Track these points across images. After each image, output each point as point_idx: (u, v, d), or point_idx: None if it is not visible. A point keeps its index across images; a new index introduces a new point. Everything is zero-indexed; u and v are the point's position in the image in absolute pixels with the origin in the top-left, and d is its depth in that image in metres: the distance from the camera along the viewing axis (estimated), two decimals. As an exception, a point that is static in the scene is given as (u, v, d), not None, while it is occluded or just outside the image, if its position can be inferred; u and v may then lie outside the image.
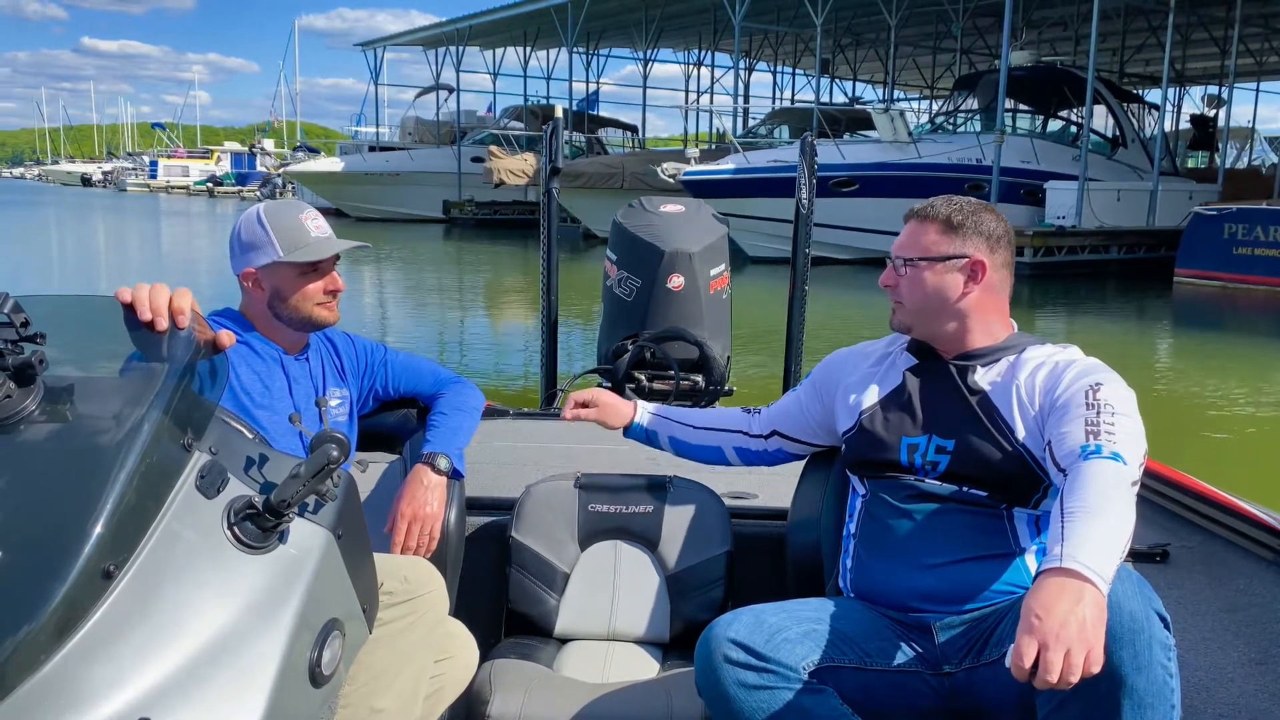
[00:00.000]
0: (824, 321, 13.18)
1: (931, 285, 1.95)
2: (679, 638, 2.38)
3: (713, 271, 4.09)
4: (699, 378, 4.05)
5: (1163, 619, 1.51)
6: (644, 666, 2.30)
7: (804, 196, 4.05)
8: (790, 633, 1.73)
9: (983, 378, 1.95)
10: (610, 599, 2.42)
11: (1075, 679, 1.36)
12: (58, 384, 1.30)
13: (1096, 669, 1.38)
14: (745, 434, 2.32)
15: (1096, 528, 1.51)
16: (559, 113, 4.88)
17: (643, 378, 4.07)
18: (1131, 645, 1.46)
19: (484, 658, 2.20)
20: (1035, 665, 1.38)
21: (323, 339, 2.32)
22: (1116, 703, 1.47)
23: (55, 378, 1.30)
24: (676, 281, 3.98)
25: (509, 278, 20.66)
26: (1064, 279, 18.72)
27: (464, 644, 2.14)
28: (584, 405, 2.36)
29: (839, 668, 1.74)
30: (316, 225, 2.16)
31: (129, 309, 1.47)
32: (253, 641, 1.25)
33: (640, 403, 2.41)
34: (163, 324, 1.45)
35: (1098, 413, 1.73)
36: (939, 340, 2.01)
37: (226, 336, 1.52)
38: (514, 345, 12.35)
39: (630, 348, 4.03)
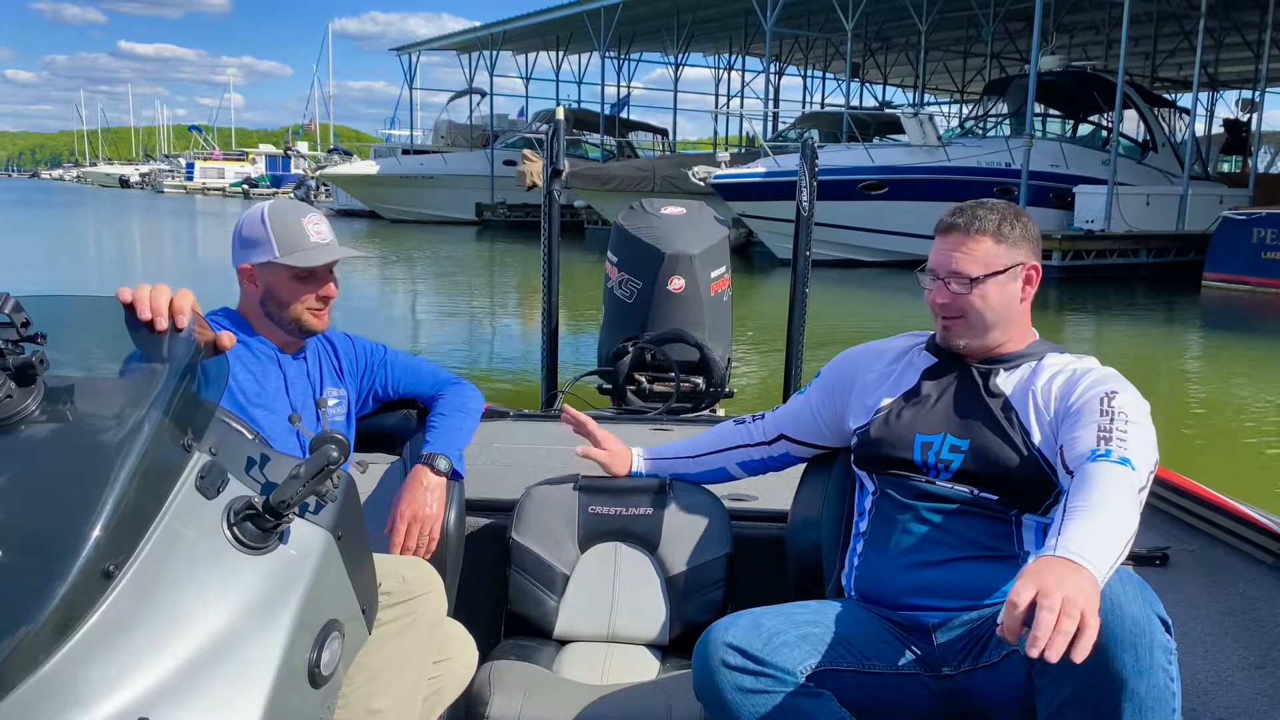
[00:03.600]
0: (859, 321, 13.41)
1: (998, 299, 1.94)
2: (679, 640, 2.37)
3: (713, 274, 4.08)
4: (699, 380, 4.04)
5: (1164, 622, 1.51)
6: (643, 668, 2.29)
7: (804, 199, 4.02)
8: (788, 636, 1.73)
9: (1005, 381, 1.96)
10: (610, 601, 2.41)
11: (1063, 644, 1.31)
12: (58, 384, 1.30)
13: (1083, 654, 1.33)
14: (746, 446, 2.33)
15: (1095, 525, 1.51)
16: (560, 114, 4.76)
17: (643, 379, 4.06)
18: (1133, 649, 1.45)
19: (483, 659, 2.20)
20: (1025, 638, 1.35)
21: (321, 339, 2.30)
22: (1117, 706, 1.47)
23: (56, 378, 1.30)
24: (677, 283, 3.98)
25: (535, 279, 20.94)
26: (1092, 282, 18.70)
27: (463, 645, 2.14)
28: (592, 435, 2.43)
29: (837, 671, 1.74)
30: (318, 231, 2.14)
31: (129, 309, 1.47)
32: (252, 642, 1.25)
33: (635, 451, 2.46)
34: (163, 324, 1.45)
35: (1111, 419, 1.74)
36: (984, 350, 2.00)
37: (227, 338, 1.52)
38: (519, 346, 12.37)
39: (631, 350, 4.01)
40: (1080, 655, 1.33)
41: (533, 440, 3.32)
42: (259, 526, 1.32)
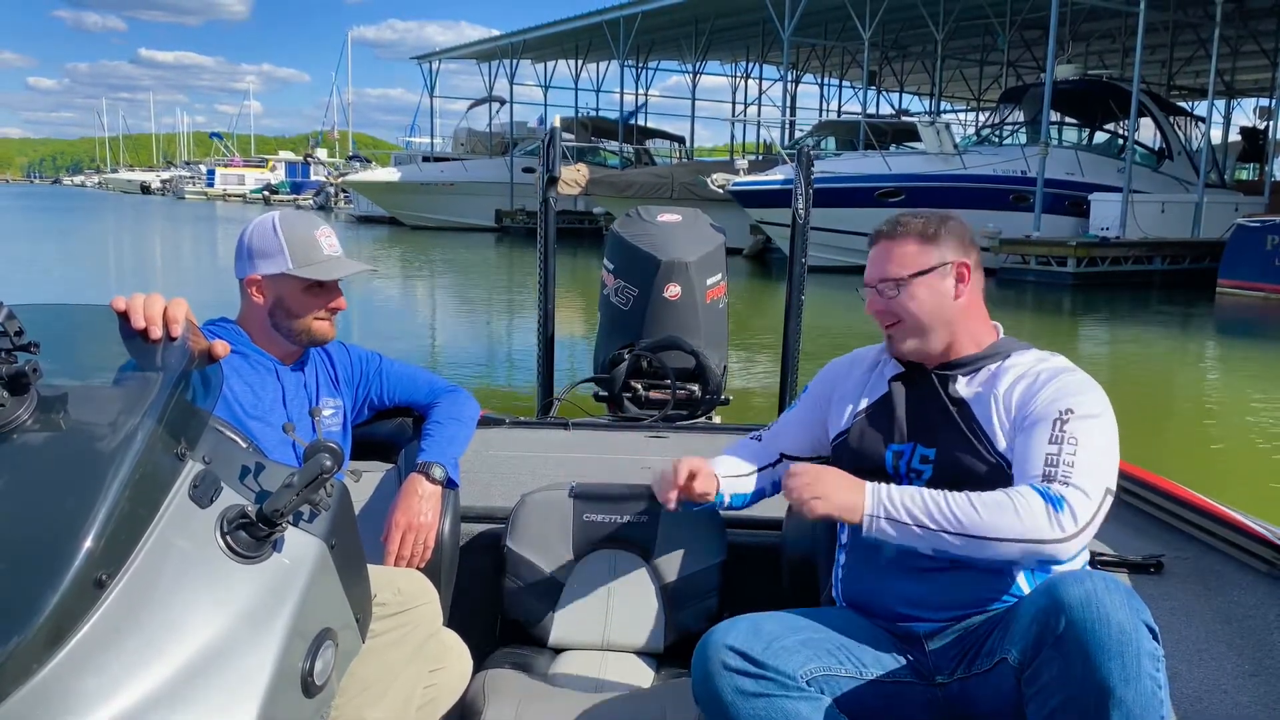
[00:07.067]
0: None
1: (927, 299, 1.94)
2: (673, 648, 2.36)
3: (709, 281, 4.04)
4: (695, 387, 4.00)
5: (1151, 630, 1.51)
6: (638, 676, 2.28)
7: (800, 207, 3.98)
8: (788, 641, 1.72)
9: (964, 386, 1.94)
10: (605, 609, 2.39)
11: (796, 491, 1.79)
12: (51, 393, 1.29)
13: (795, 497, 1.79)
14: (769, 467, 2.25)
15: (932, 495, 1.73)
16: (557, 123, 5.00)
17: (639, 387, 4.03)
18: (1120, 657, 1.46)
19: (478, 668, 2.19)
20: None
21: (318, 349, 2.30)
22: (1105, 713, 1.47)
23: (49, 387, 1.28)
24: (673, 291, 3.93)
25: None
26: (1107, 289, 18.76)
27: (458, 654, 2.12)
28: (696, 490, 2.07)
29: (836, 676, 1.73)
30: (330, 244, 2.16)
31: (123, 318, 1.46)
32: (245, 651, 1.24)
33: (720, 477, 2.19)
34: (156, 333, 1.44)
35: (1060, 446, 1.76)
36: (935, 354, 1.99)
37: (221, 346, 1.52)
38: (523, 352, 12.28)
39: (626, 357, 3.97)
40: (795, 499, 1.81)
41: (528, 448, 3.28)
42: (252, 535, 1.31)
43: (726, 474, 2.21)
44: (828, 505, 1.77)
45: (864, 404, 2.05)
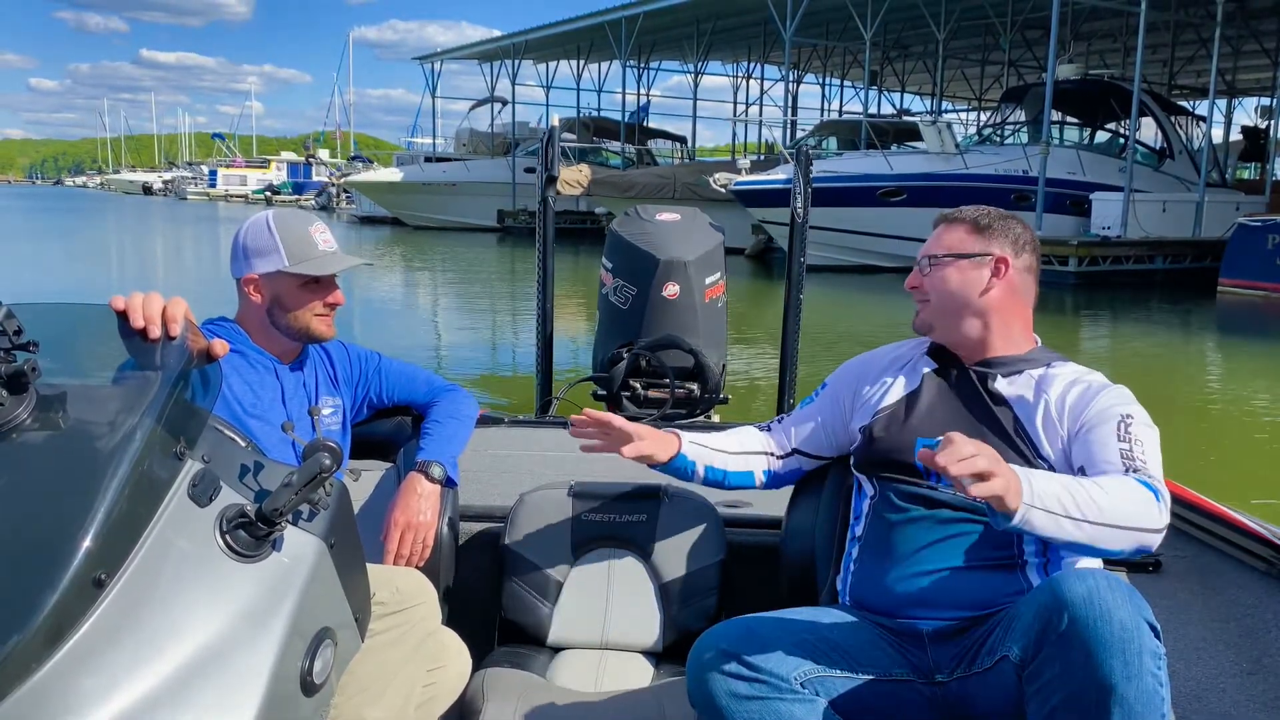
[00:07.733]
0: (875, 326, 13.62)
1: (955, 281, 1.97)
2: (672, 647, 2.36)
3: (708, 280, 4.04)
4: (694, 386, 4.00)
5: (1153, 628, 1.51)
6: (637, 675, 2.28)
7: (798, 206, 4.00)
8: (782, 642, 1.72)
9: (1005, 387, 1.94)
10: (603, 608, 2.40)
11: (964, 468, 1.47)
12: (50, 392, 1.29)
13: (963, 472, 1.47)
14: (771, 455, 2.24)
15: (1066, 482, 1.60)
16: (555, 123, 5.02)
17: (638, 386, 4.02)
18: (1122, 654, 1.46)
19: (476, 667, 2.19)
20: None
21: (317, 347, 2.31)
22: (1107, 711, 1.47)
23: (48, 386, 1.29)
24: (671, 290, 3.93)
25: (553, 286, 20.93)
26: (1108, 288, 18.76)
27: (456, 653, 2.12)
28: (621, 431, 2.13)
29: (831, 677, 1.72)
30: (325, 240, 2.16)
31: (122, 317, 1.46)
32: (244, 650, 1.24)
33: (681, 433, 2.23)
34: (155, 332, 1.44)
35: (1130, 446, 1.76)
36: (960, 343, 2.00)
37: (220, 345, 1.53)
38: (524, 352, 12.31)
39: (625, 356, 3.98)
40: (966, 479, 1.48)
41: (527, 447, 3.29)
42: (251, 534, 1.31)
43: (707, 445, 2.21)
44: (996, 481, 1.52)
45: (893, 396, 2.05)
